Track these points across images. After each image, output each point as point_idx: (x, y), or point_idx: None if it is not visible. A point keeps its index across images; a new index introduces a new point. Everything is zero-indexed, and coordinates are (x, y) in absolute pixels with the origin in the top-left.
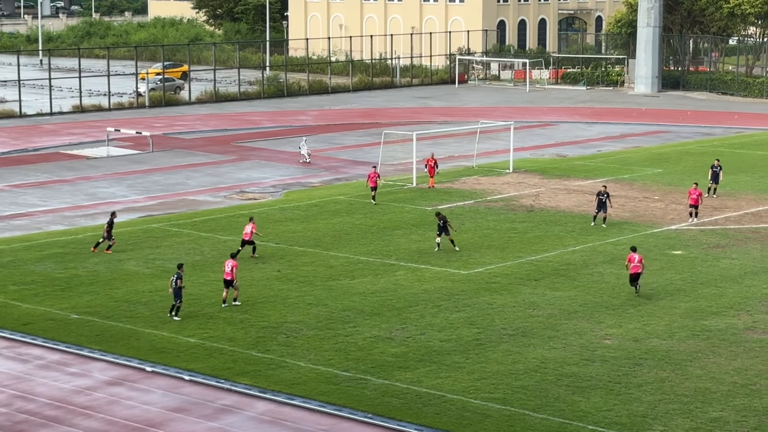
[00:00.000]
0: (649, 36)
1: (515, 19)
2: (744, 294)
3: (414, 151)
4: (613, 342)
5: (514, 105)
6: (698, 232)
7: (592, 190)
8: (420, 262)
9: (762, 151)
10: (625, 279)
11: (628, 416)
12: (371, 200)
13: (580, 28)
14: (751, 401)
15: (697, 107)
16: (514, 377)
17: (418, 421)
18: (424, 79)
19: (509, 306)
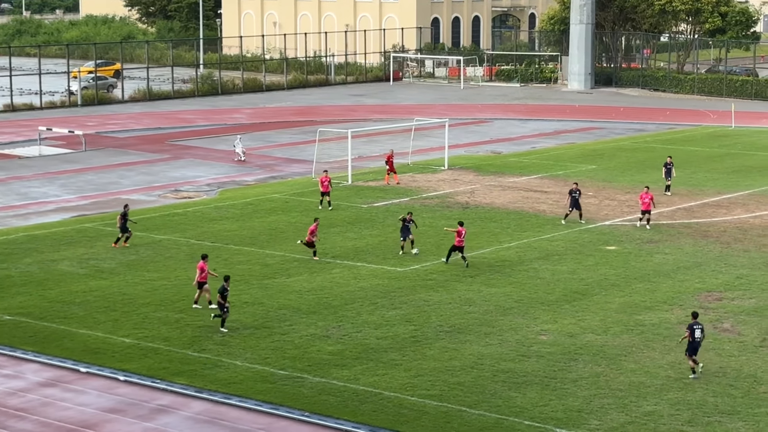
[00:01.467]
0: (582, 33)
1: (449, 17)
2: (677, 289)
3: (349, 149)
4: (548, 338)
5: (449, 102)
6: (631, 227)
7: (526, 186)
8: (356, 259)
9: (693, 146)
10: (560, 275)
11: (564, 411)
12: (319, 205)
13: (513, 25)
14: (685, 395)
15: (629, 104)
16: (451, 374)
17: (355, 419)
18: (359, 77)
19: (445, 303)
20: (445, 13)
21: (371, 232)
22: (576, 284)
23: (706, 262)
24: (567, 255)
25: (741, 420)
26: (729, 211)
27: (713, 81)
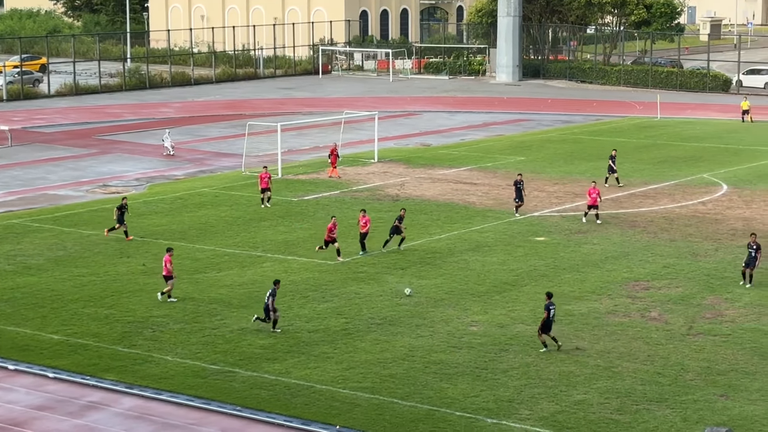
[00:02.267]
0: (510, 25)
1: (377, 10)
2: (605, 278)
3: (279, 143)
4: (479, 329)
5: (378, 95)
6: (560, 218)
7: (456, 178)
8: (287, 253)
9: (620, 137)
10: (490, 266)
11: (495, 401)
12: (261, 204)
13: (441, 18)
14: (614, 383)
15: (557, 95)
16: (383, 366)
17: (287, 413)
18: (288, 70)
19: (376, 295)
20: (374, 6)
21: (302, 225)
22: (506, 275)
23: (634, 251)
24: (497, 246)
25: (669, 407)
26: (655, 201)
27: (639, 72)
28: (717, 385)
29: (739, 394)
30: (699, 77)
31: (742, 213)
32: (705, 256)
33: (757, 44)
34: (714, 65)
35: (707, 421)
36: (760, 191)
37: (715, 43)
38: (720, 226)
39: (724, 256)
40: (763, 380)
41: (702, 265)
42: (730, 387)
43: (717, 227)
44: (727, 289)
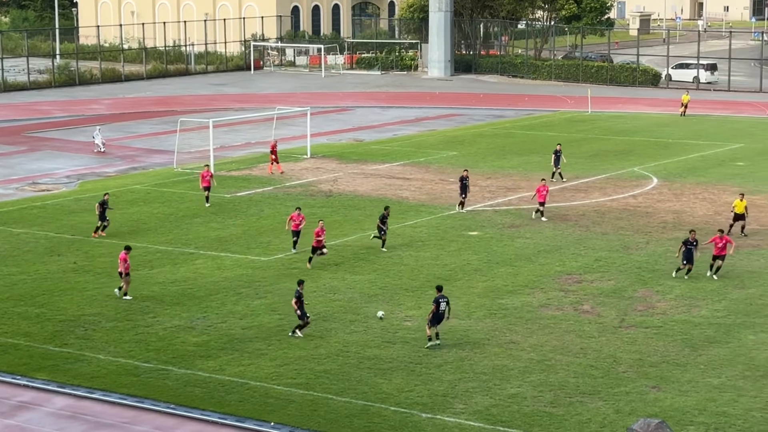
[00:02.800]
0: (441, 20)
1: (309, 5)
2: (538, 272)
3: (211, 139)
4: (413, 323)
5: (310, 91)
6: (493, 212)
7: (388, 173)
8: (220, 249)
9: (552, 132)
10: (423, 261)
11: (429, 396)
12: (205, 202)
13: (373, 13)
14: (547, 376)
15: (488, 90)
16: (317, 362)
17: (221, 410)
18: (219, 66)
19: (310, 291)
20: (305, 2)
21: (234, 221)
22: (439, 270)
23: (566, 245)
24: (430, 241)
25: (601, 400)
26: (587, 194)
27: (570, 67)
28: (649, 376)
29: (670, 385)
30: (629, 71)
31: (672, 206)
32: (636, 249)
33: (686, 39)
34: (643, 59)
35: (639, 412)
36: (690, 184)
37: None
38: (651, 219)
39: (655, 249)
40: (693, 371)
41: (633, 258)
42: (661, 378)
43: (648, 220)
44: (658, 282)
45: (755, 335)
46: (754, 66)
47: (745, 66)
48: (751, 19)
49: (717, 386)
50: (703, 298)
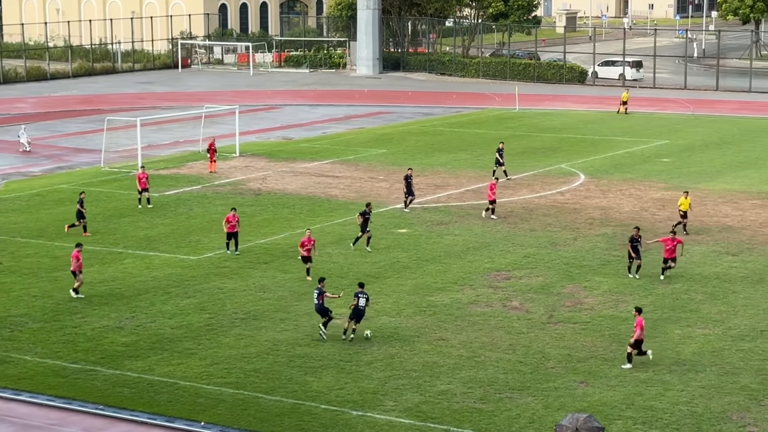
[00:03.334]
0: (369, 18)
1: (237, 3)
2: (467, 269)
3: (138, 137)
4: (343, 321)
5: (239, 89)
6: (422, 210)
7: (318, 171)
8: (148, 249)
9: (480, 129)
10: (353, 259)
11: (360, 393)
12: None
13: (301, 11)
14: (477, 373)
15: (417, 88)
16: (247, 361)
17: (150, 410)
18: (147, 64)
19: (240, 290)
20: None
21: (163, 221)
22: (369, 267)
23: (495, 242)
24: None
25: (530, 395)
26: (515, 191)
27: (497, 65)
28: (577, 372)
29: (598, 380)
30: (556, 69)
31: (600, 202)
32: (564, 246)
33: (611, 36)
34: (570, 57)
35: (568, 407)
36: (617, 180)
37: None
38: (578, 215)
39: (582, 245)
40: (621, 366)
41: (561, 255)
42: (589, 374)
43: (575, 217)
44: (585, 278)
45: (681, 330)
46: (678, 63)
47: (669, 63)
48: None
49: (644, 381)
50: (630, 293)
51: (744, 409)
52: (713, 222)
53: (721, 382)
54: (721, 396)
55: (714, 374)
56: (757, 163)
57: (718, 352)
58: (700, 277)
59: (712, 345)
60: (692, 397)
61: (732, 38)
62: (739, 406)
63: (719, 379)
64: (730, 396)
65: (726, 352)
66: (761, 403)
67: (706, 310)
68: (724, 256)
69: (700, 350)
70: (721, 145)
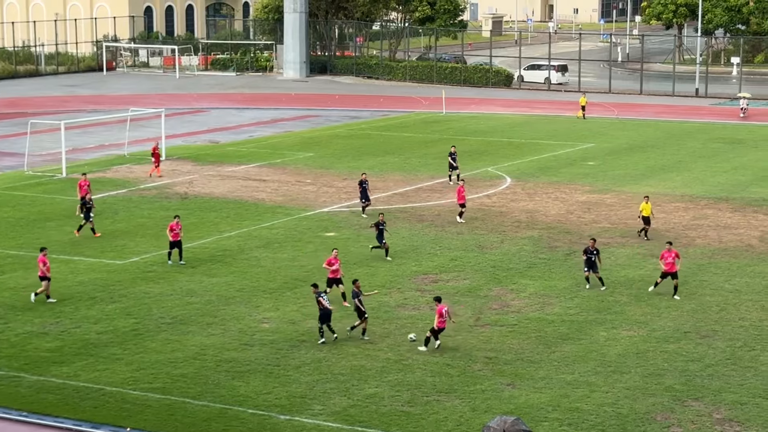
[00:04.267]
0: (296, 21)
1: (162, 6)
2: (394, 272)
3: (63, 141)
4: (271, 325)
5: (165, 92)
6: (349, 213)
7: (245, 175)
8: (73, 253)
9: (407, 132)
10: (281, 263)
11: (288, 398)
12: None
13: (227, 14)
14: (404, 376)
15: (344, 91)
16: (174, 366)
17: (76, 416)
18: (71, 67)
19: (166, 294)
20: (158, 2)
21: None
22: (297, 271)
23: (422, 245)
24: (287, 242)
25: (458, 398)
26: (442, 195)
27: (424, 68)
28: (504, 374)
29: (525, 382)
30: (482, 72)
31: (526, 205)
32: (491, 248)
33: (537, 40)
34: (496, 61)
35: (495, 410)
36: (543, 183)
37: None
38: (505, 218)
39: (509, 248)
40: (547, 368)
41: (488, 257)
42: (516, 376)
43: (502, 219)
44: (512, 281)
45: (607, 332)
46: (603, 67)
47: (594, 67)
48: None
49: (570, 382)
50: (556, 296)
51: (668, 410)
52: (637, 225)
53: (645, 384)
54: (646, 397)
55: (639, 375)
56: (681, 166)
57: (642, 354)
58: (625, 279)
59: (636, 347)
60: (617, 398)
61: (655, 42)
62: (664, 406)
63: (644, 380)
64: (655, 397)
65: (650, 354)
66: (685, 404)
67: (631, 312)
68: (648, 259)
69: (625, 352)
70: (646, 148)
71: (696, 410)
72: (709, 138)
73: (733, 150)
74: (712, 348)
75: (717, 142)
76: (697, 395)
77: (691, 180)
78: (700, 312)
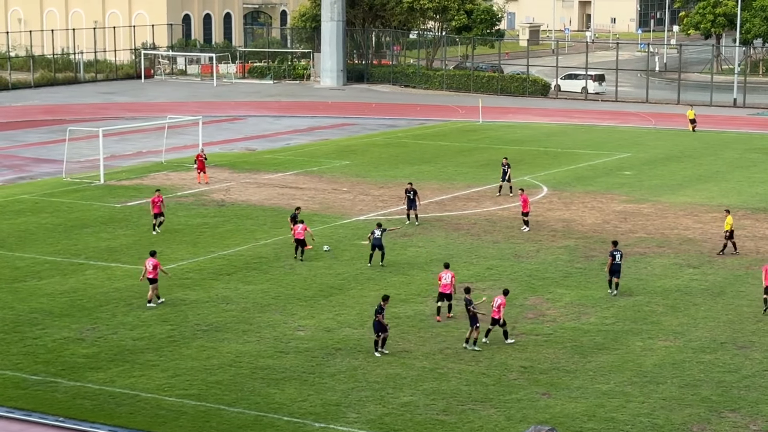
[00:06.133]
0: (333, 30)
1: (200, 13)
2: (430, 281)
3: (101, 148)
4: (306, 333)
5: (202, 99)
6: (385, 221)
7: (281, 183)
8: (110, 260)
9: (443, 141)
10: (316, 270)
11: (323, 405)
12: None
13: (265, 22)
14: (439, 385)
15: (381, 100)
16: (209, 372)
17: (111, 422)
18: (109, 74)
19: (202, 301)
20: (196, 10)
21: (125, 231)
22: (332, 279)
23: (458, 254)
24: (323, 251)
25: (493, 407)
26: (479, 203)
27: (461, 77)
28: (539, 383)
29: (560, 392)
30: (519, 82)
31: (562, 215)
32: (527, 258)
33: (574, 49)
34: (533, 70)
35: (530, 419)
36: (579, 193)
37: (534, 48)
38: (541, 227)
39: (545, 257)
40: (583, 378)
41: (524, 266)
42: (551, 385)
43: (538, 229)
44: (548, 290)
45: (642, 342)
46: (640, 77)
47: (631, 77)
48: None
49: (606, 392)
50: (592, 305)
51: (704, 421)
52: (674, 234)
53: (681, 394)
54: (682, 408)
55: (675, 386)
56: (717, 176)
57: (678, 364)
58: (662, 289)
59: (673, 357)
60: (653, 408)
61: (693, 52)
62: (700, 417)
63: (680, 390)
64: (691, 408)
65: (687, 364)
66: (721, 415)
67: (667, 322)
68: (685, 269)
69: (661, 362)
70: (682, 158)
71: (733, 421)
72: (746, 148)
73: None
74: (749, 359)
75: (755, 152)
76: (734, 406)
77: (729, 190)
78: (737, 323)
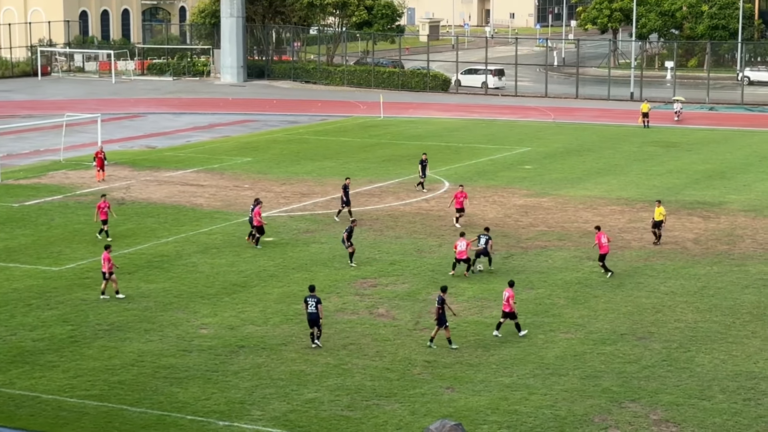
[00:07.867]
0: (233, 26)
1: (98, 10)
2: (333, 277)
3: None
4: (209, 331)
5: (101, 97)
6: (288, 218)
7: (182, 180)
8: (8, 260)
9: (345, 137)
10: (219, 268)
11: (227, 403)
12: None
13: (164, 18)
14: (344, 381)
15: (282, 96)
16: (111, 372)
17: (11, 425)
18: (5, 72)
19: (103, 301)
20: (94, 6)
21: (24, 231)
22: (235, 276)
23: (361, 249)
24: (225, 248)
25: (398, 402)
26: (381, 199)
27: (362, 73)
28: (443, 378)
29: (464, 386)
30: (419, 77)
31: None
32: (429, 252)
33: (474, 45)
34: (433, 65)
35: (435, 413)
36: (480, 188)
37: (434, 44)
38: (443, 222)
39: (447, 252)
40: (486, 371)
41: (427, 261)
42: (455, 379)
43: (440, 224)
44: (451, 284)
45: (544, 334)
46: (539, 71)
47: (530, 71)
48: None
49: (509, 385)
50: (494, 299)
51: (606, 412)
52: (574, 228)
53: (583, 386)
54: (584, 399)
55: (576, 378)
56: (616, 169)
57: (580, 356)
58: (562, 282)
59: (574, 349)
60: (555, 400)
61: (591, 47)
62: (601, 408)
63: (581, 382)
64: (592, 399)
65: (588, 356)
66: (622, 405)
67: (569, 315)
68: (585, 261)
69: (563, 354)
70: (582, 152)
71: (633, 412)
72: (644, 141)
73: (667, 153)
74: (648, 350)
75: (652, 145)
76: (634, 397)
77: (627, 183)
78: (636, 314)
